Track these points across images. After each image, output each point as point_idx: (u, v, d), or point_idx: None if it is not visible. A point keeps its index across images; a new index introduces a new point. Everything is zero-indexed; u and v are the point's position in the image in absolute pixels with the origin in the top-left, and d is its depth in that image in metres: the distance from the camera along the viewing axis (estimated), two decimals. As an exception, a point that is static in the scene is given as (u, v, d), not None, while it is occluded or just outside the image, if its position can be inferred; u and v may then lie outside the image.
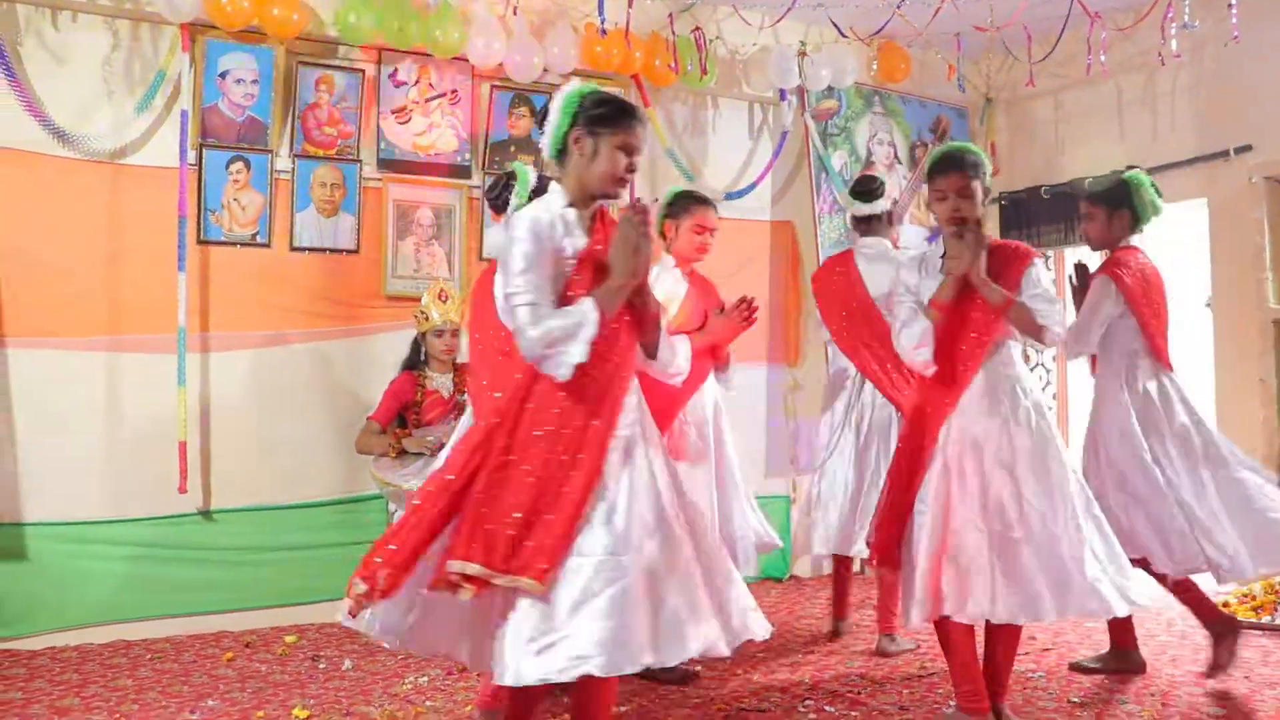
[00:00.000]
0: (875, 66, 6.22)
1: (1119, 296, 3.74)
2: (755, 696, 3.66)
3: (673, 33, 5.56)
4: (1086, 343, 3.80)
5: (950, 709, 3.31)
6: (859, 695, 3.66)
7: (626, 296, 2.57)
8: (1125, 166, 5.93)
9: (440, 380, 4.48)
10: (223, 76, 4.69)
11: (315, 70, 4.88)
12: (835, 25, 5.76)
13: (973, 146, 3.30)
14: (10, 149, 4.36)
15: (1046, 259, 6.55)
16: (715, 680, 3.85)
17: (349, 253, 5.00)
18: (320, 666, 4.07)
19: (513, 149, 5.34)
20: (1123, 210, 3.86)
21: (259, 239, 4.83)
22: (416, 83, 5.10)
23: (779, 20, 5.66)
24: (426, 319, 4.44)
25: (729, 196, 5.91)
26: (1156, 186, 3.87)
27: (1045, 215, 6.45)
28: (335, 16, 4.83)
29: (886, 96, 6.50)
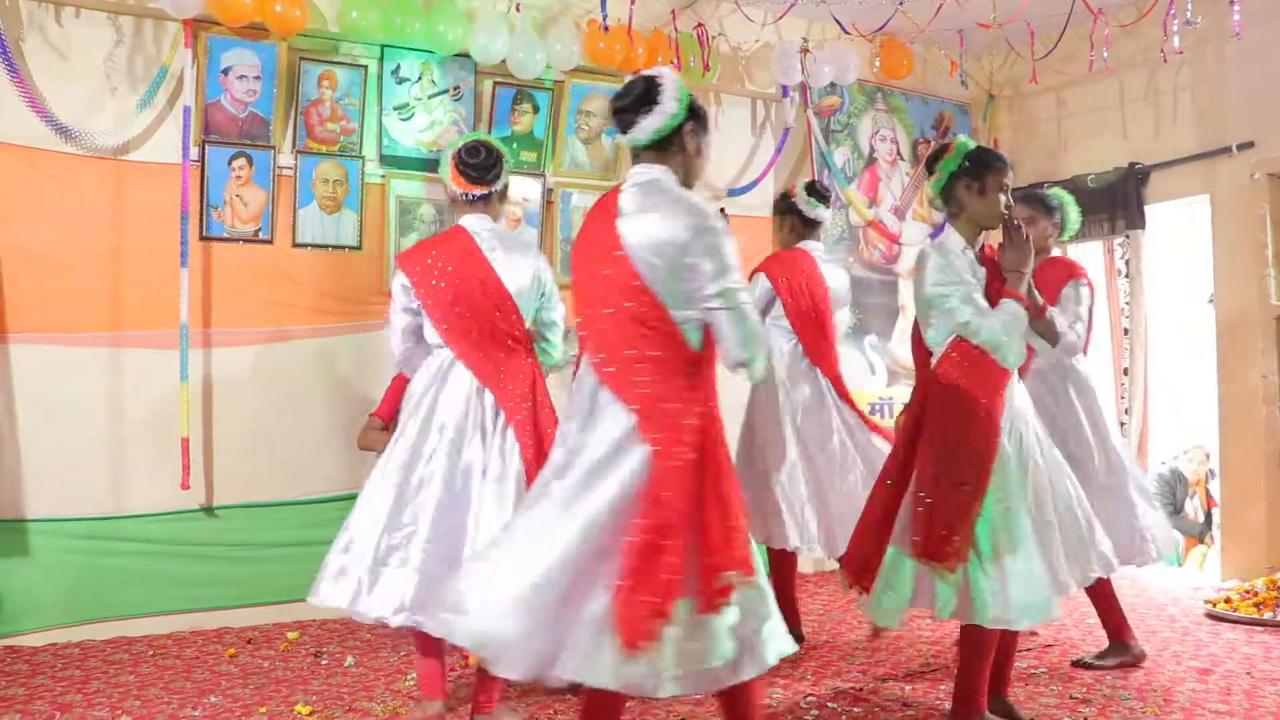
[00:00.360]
0: (878, 63, 6.21)
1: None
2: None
3: (675, 29, 5.56)
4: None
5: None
6: (861, 692, 3.66)
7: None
8: (1129, 163, 6.01)
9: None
10: (225, 73, 4.69)
11: (318, 66, 4.87)
12: (838, 22, 5.76)
13: None
14: (13, 145, 4.36)
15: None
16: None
17: (351, 249, 5.00)
18: (323, 663, 4.07)
19: (515, 145, 5.34)
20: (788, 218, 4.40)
21: (261, 235, 4.83)
22: (419, 79, 5.09)
23: (782, 17, 5.66)
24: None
25: (732, 193, 5.92)
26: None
27: (1047, 212, 6.44)
28: (338, 13, 4.83)
29: (889, 93, 6.49)
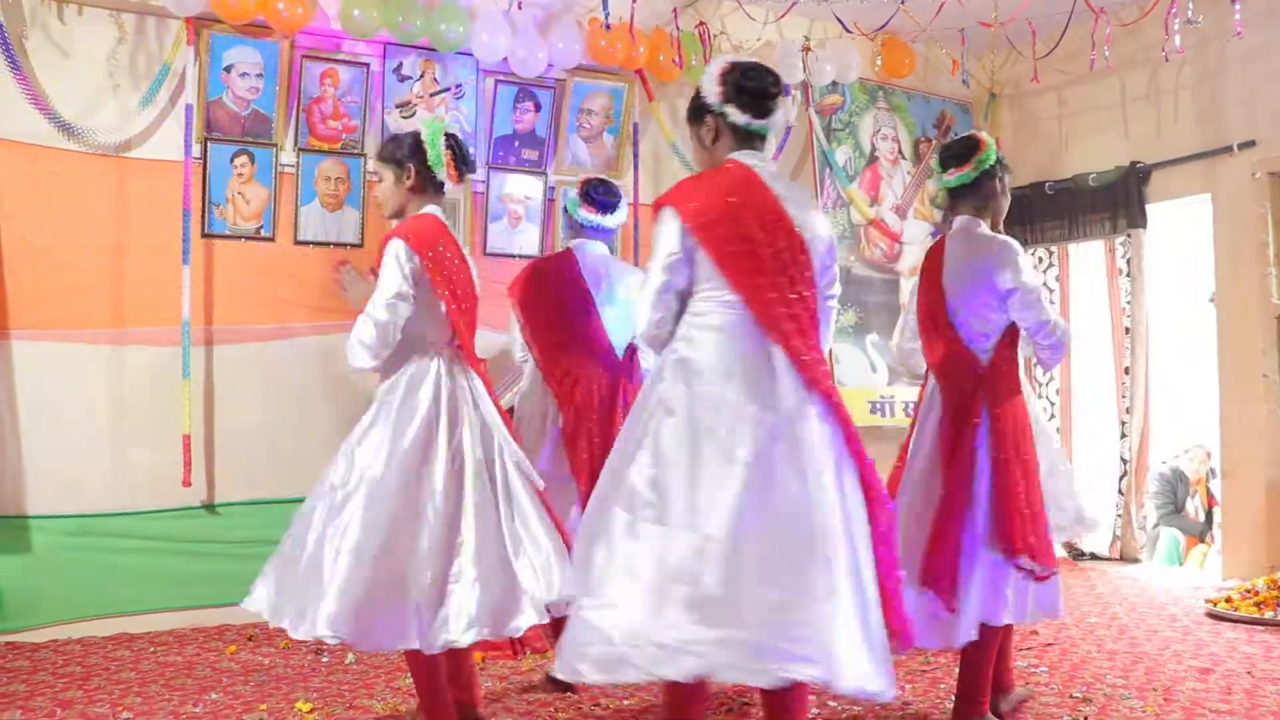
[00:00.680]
0: (879, 62, 6.21)
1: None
2: (759, 690, 3.66)
3: (677, 27, 5.56)
4: None
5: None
6: (862, 689, 3.65)
7: None
8: (1130, 162, 6.01)
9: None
10: (227, 70, 4.69)
11: (320, 64, 4.88)
12: (840, 20, 5.76)
13: None
14: (16, 142, 4.37)
15: (1050, 254, 6.55)
16: (718, 674, 3.86)
17: (353, 246, 5.00)
18: (323, 660, 4.07)
19: (517, 144, 5.34)
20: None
21: (263, 233, 4.84)
22: (421, 77, 5.10)
23: (783, 15, 5.66)
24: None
25: (732, 192, 5.92)
26: None
27: (1049, 211, 6.44)
28: (340, 10, 4.82)
29: (891, 92, 6.49)
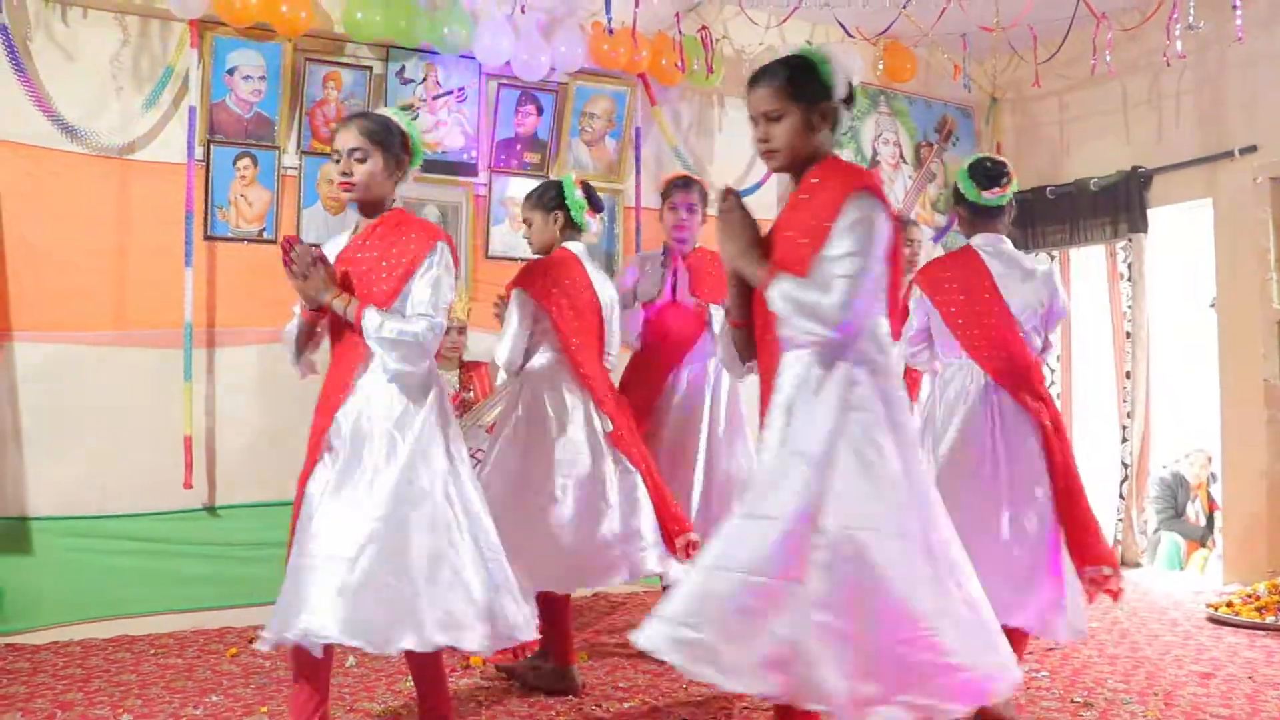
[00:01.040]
0: (881, 66, 6.22)
1: None
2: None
3: (679, 32, 5.56)
4: None
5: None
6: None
7: None
8: (1131, 167, 6.01)
9: (446, 377, 4.49)
10: (231, 73, 4.70)
11: (323, 67, 4.88)
12: (841, 25, 5.76)
13: None
14: (19, 143, 4.37)
15: (1051, 258, 6.54)
16: (719, 677, 3.85)
17: (355, 249, 5.00)
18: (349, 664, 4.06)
19: (519, 147, 5.35)
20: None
21: (266, 235, 4.83)
22: (424, 80, 5.10)
23: (785, 20, 5.66)
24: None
25: (735, 195, 5.93)
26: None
27: (1050, 215, 6.45)
28: (343, 13, 4.83)
29: (892, 96, 6.50)
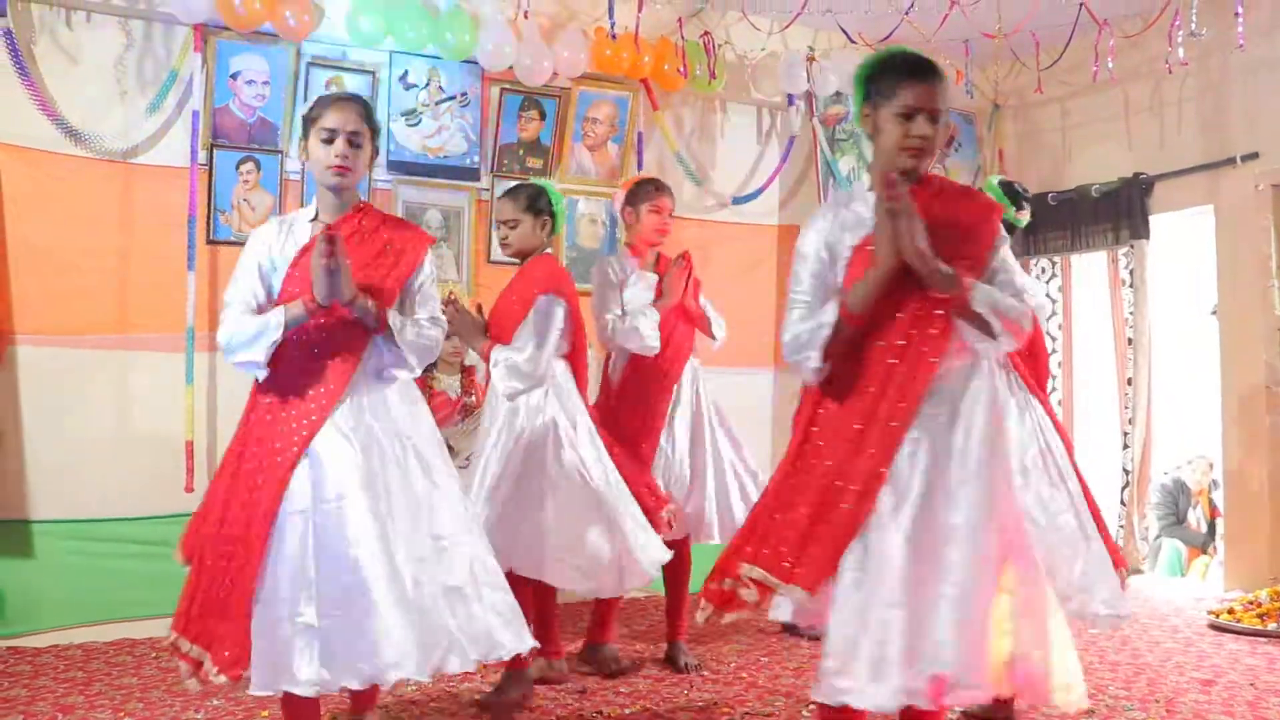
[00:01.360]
0: (883, 72, 6.22)
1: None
2: (759, 700, 3.66)
3: (682, 37, 5.57)
4: None
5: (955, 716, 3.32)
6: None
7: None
8: (1133, 173, 6.02)
9: (447, 382, 4.49)
10: (234, 77, 4.71)
11: (326, 72, 4.89)
12: (844, 31, 5.77)
13: None
14: (23, 147, 4.38)
15: (1053, 265, 6.55)
16: (719, 684, 3.86)
17: (357, 254, 5.01)
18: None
19: (522, 152, 5.36)
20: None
21: (268, 239, 4.84)
22: (426, 85, 5.11)
23: (788, 26, 5.68)
24: (434, 320, 4.45)
25: (737, 201, 5.94)
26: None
27: (1052, 221, 6.44)
28: (346, 18, 4.84)
29: (894, 102, 6.49)
